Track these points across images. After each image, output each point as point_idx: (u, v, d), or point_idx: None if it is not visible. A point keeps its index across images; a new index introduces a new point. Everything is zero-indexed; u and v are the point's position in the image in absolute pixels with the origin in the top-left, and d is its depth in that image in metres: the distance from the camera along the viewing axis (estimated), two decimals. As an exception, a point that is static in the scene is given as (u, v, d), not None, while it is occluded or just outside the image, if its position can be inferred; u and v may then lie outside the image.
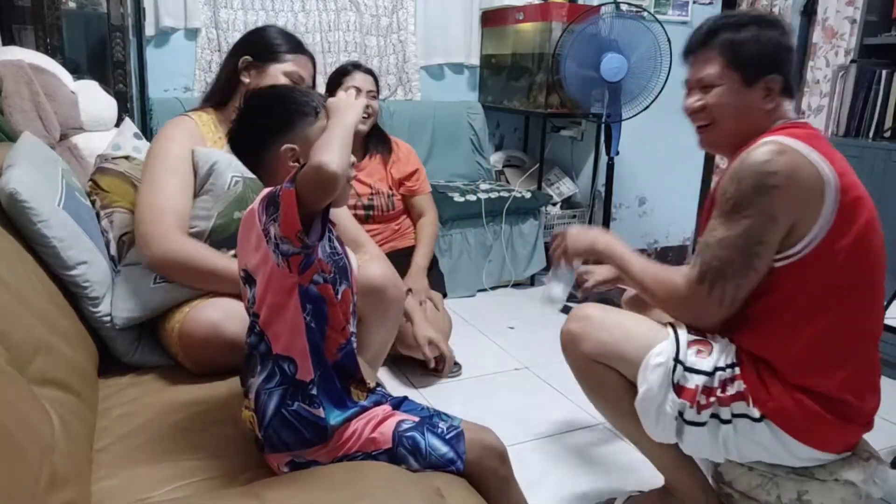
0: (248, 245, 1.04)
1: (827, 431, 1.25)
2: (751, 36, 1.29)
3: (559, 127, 3.65)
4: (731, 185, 1.23)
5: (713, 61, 1.32)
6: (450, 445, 1.08)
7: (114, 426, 1.19)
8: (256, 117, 1.09)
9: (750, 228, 1.20)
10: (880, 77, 3.04)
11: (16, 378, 0.90)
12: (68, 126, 2.14)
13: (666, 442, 1.36)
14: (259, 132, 1.08)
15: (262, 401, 1.04)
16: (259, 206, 1.02)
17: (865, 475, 1.26)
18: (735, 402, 1.27)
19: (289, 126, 1.07)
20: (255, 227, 1.02)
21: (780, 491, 1.30)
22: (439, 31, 3.57)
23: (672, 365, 1.30)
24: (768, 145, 1.21)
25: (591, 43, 2.85)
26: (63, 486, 0.87)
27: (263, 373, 1.04)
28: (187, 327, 1.36)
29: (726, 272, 1.24)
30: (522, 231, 3.25)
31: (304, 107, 1.09)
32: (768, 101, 1.31)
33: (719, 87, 1.32)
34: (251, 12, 3.16)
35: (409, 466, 1.06)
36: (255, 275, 1.04)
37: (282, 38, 1.62)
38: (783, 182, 1.18)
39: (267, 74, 1.58)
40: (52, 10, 2.42)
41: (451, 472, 1.07)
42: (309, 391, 1.04)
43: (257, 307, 1.05)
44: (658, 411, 1.31)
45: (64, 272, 1.33)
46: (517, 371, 2.41)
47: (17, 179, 1.26)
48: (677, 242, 3.78)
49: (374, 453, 1.06)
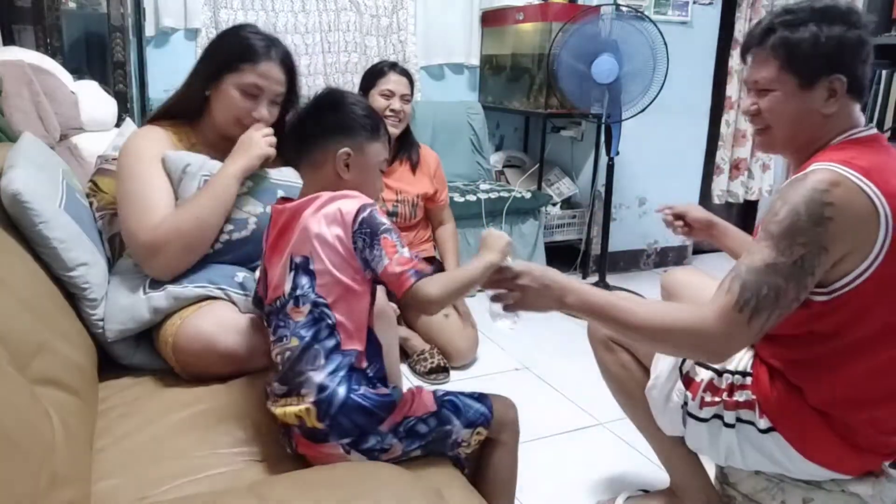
0: (319, 234, 1.10)
1: (842, 454, 1.21)
2: (808, 35, 1.17)
3: (559, 127, 3.65)
4: (784, 208, 1.13)
5: (767, 63, 1.22)
6: (481, 402, 1.21)
7: (114, 426, 1.19)
8: (328, 112, 1.19)
9: (804, 258, 1.10)
10: (880, 77, 3.04)
11: (16, 378, 0.90)
12: (68, 126, 2.14)
13: (673, 433, 1.36)
14: (326, 127, 1.18)
15: (327, 392, 1.07)
16: (350, 217, 1.10)
17: (874, 491, 1.24)
18: (741, 409, 1.25)
19: (354, 132, 1.18)
20: (338, 229, 1.10)
21: (786, 497, 1.29)
22: (439, 32, 3.57)
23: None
24: (824, 173, 1.12)
25: (588, 43, 2.85)
26: (63, 486, 0.87)
27: (329, 366, 1.09)
28: (181, 341, 1.33)
29: (777, 301, 1.10)
30: (522, 231, 3.24)
31: (373, 122, 1.21)
32: (831, 104, 1.19)
33: (774, 92, 1.22)
34: (251, 12, 3.16)
35: (453, 425, 1.16)
36: (315, 262, 1.11)
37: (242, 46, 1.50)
38: (838, 215, 1.09)
39: (220, 89, 1.49)
40: (52, 10, 2.42)
41: (482, 426, 1.19)
42: (368, 375, 1.12)
43: (322, 292, 1.10)
44: (666, 399, 1.32)
45: (64, 273, 1.32)
46: (517, 371, 2.41)
47: (20, 180, 1.26)
48: (677, 242, 3.78)
49: (425, 417, 1.14)
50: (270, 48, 1.51)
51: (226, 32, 1.58)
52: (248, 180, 1.48)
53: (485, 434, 1.19)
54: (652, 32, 2.82)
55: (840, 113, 1.21)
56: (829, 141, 1.22)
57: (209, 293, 1.40)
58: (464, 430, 1.17)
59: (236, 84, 1.48)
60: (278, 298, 1.14)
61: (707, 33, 3.52)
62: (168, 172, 1.46)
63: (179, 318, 1.37)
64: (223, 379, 1.35)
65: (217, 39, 1.57)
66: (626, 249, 3.65)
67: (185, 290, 1.39)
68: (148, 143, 1.48)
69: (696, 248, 3.92)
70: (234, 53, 1.49)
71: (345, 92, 1.24)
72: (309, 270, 1.11)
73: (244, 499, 0.91)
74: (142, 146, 1.48)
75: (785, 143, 1.27)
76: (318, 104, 1.22)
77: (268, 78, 1.50)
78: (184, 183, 1.45)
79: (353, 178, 1.18)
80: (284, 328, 1.13)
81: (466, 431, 1.17)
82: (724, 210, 4.07)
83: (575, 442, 1.94)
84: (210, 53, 1.55)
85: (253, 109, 1.50)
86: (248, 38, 1.51)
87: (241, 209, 1.47)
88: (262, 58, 1.49)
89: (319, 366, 1.09)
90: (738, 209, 4.12)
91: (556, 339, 2.69)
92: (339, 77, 3.37)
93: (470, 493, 1.07)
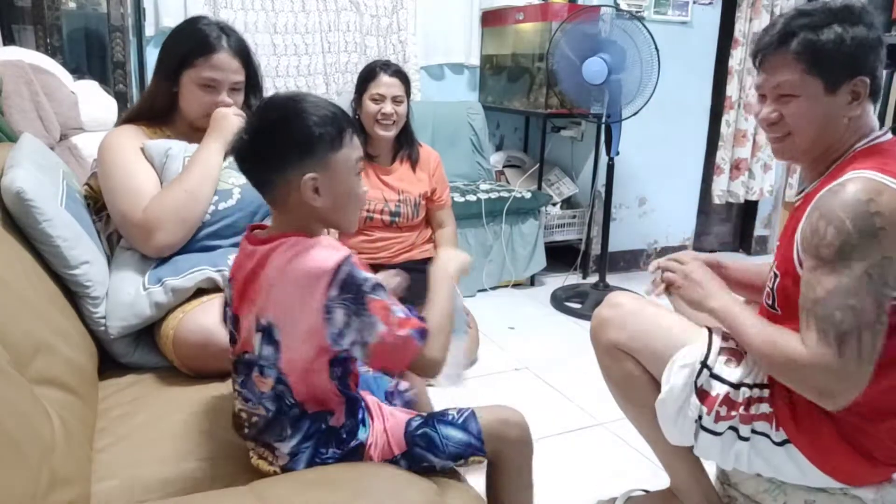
0: (282, 301, 0.95)
1: (856, 467, 1.19)
2: (834, 36, 1.12)
3: (559, 127, 3.65)
4: (828, 228, 1.08)
5: (790, 67, 1.16)
6: (463, 429, 1.06)
7: (114, 426, 1.19)
8: (273, 135, 0.96)
9: (870, 270, 1.06)
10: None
11: (16, 378, 0.90)
12: (68, 126, 2.14)
13: (681, 444, 1.32)
14: (276, 153, 0.96)
15: (295, 459, 1.01)
16: (324, 280, 0.91)
17: (876, 496, 1.23)
18: (757, 422, 1.23)
19: (314, 148, 0.96)
20: (305, 295, 0.92)
21: (788, 498, 1.28)
22: (439, 32, 3.57)
23: (698, 368, 1.25)
24: (861, 182, 1.08)
25: (585, 42, 2.85)
26: (63, 487, 0.87)
27: (297, 435, 1.00)
28: (181, 335, 1.35)
29: (858, 321, 1.06)
30: (522, 231, 3.25)
31: (334, 126, 0.97)
32: (854, 107, 1.16)
33: (797, 98, 1.17)
34: (251, 12, 3.16)
35: (432, 464, 1.04)
36: (280, 332, 0.96)
37: (194, 40, 1.50)
38: (888, 223, 1.05)
39: (181, 86, 1.52)
40: (52, 10, 2.42)
41: (474, 455, 1.06)
42: (340, 434, 1.02)
43: (285, 369, 0.97)
44: (678, 413, 1.27)
45: (67, 272, 1.32)
46: (517, 371, 2.41)
47: (23, 179, 1.26)
48: (677, 242, 3.78)
49: (395, 459, 1.05)
50: (221, 38, 1.52)
51: (178, 28, 1.58)
52: (227, 154, 1.50)
53: (483, 460, 1.08)
54: (642, 34, 2.80)
55: (863, 115, 1.18)
56: (850, 147, 1.19)
57: (206, 275, 1.41)
58: (450, 462, 1.06)
59: (194, 80, 1.51)
60: (246, 353, 1.02)
61: (707, 33, 3.52)
62: (150, 159, 1.49)
63: (182, 311, 1.39)
64: (223, 377, 1.35)
65: (171, 36, 1.58)
66: (626, 249, 3.65)
67: (183, 281, 1.40)
68: (124, 139, 1.51)
69: (695, 249, 3.92)
70: (187, 49, 1.51)
71: (290, 97, 1.00)
72: (273, 340, 0.97)
73: (244, 499, 0.91)
74: (119, 141, 1.51)
75: (806, 149, 1.22)
76: (262, 122, 0.98)
77: (222, 69, 1.52)
78: (167, 165, 1.48)
79: (327, 203, 0.98)
80: (250, 393, 1.02)
81: (455, 463, 1.07)
82: (724, 210, 4.07)
83: (575, 442, 1.94)
84: (166, 51, 1.56)
85: (215, 100, 1.53)
86: (198, 32, 1.52)
87: (225, 182, 1.51)
88: (213, 49, 1.50)
89: (286, 436, 1.00)
90: (738, 209, 4.12)
91: (556, 339, 2.70)
92: (339, 77, 3.37)
93: (470, 494, 1.07)
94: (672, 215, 3.72)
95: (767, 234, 4.12)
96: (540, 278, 3.41)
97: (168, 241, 1.43)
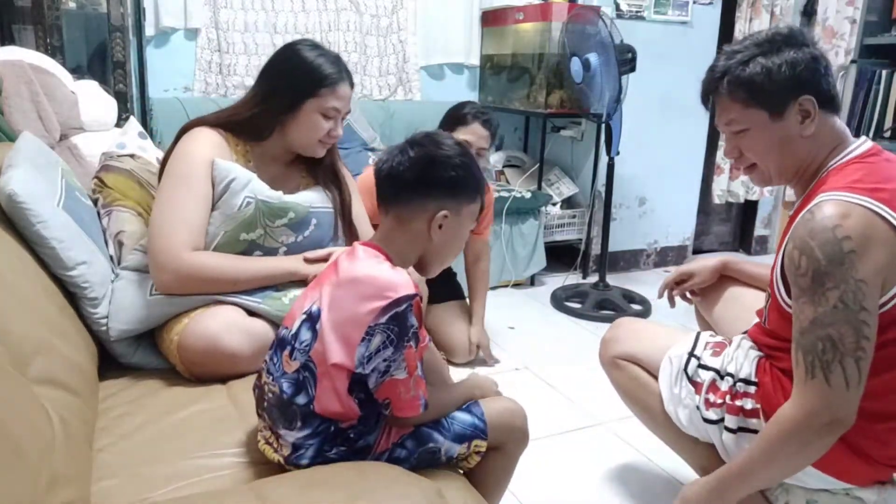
0: (339, 297, 1.01)
1: (852, 466, 1.19)
2: (760, 69, 1.17)
3: (559, 127, 3.65)
4: (801, 258, 1.10)
5: (730, 105, 1.22)
6: (467, 411, 1.13)
7: (114, 426, 1.19)
8: (434, 167, 1.06)
9: (843, 297, 1.06)
10: (880, 77, 3.04)
11: (16, 378, 0.90)
12: (68, 126, 2.14)
13: (697, 435, 1.35)
14: (430, 184, 1.06)
15: (299, 452, 1.03)
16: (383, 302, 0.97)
17: (879, 497, 1.23)
18: (747, 418, 1.24)
19: (458, 193, 1.08)
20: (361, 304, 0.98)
21: (790, 497, 1.28)
22: (439, 31, 3.57)
23: (686, 358, 1.34)
24: (829, 206, 1.09)
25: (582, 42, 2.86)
26: (63, 486, 0.87)
27: (306, 429, 1.02)
28: (186, 340, 1.34)
29: (837, 349, 1.07)
30: (522, 231, 3.24)
31: (477, 183, 1.10)
32: (808, 126, 1.18)
33: (748, 131, 1.21)
34: (251, 12, 3.16)
35: (437, 444, 1.08)
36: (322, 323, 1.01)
37: (316, 71, 1.49)
38: (859, 246, 1.06)
39: (298, 115, 1.50)
40: (52, 10, 2.42)
41: (478, 438, 1.11)
42: (348, 434, 1.04)
43: (315, 358, 1.01)
44: (680, 403, 1.34)
45: (63, 273, 1.32)
46: (517, 371, 2.41)
47: (16, 180, 1.26)
48: (677, 242, 3.78)
49: (401, 441, 1.07)
50: (340, 69, 1.52)
51: (288, 56, 1.53)
52: (291, 211, 1.49)
53: (484, 446, 1.12)
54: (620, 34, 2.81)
55: (822, 130, 1.19)
56: (824, 161, 1.21)
57: (217, 297, 1.41)
58: (455, 445, 1.10)
59: (318, 109, 1.50)
60: (287, 328, 1.08)
61: (707, 33, 3.52)
62: (213, 179, 1.45)
63: (187, 317, 1.39)
64: (223, 379, 1.35)
65: (283, 64, 1.53)
66: (626, 249, 3.65)
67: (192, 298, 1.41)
68: (203, 148, 1.47)
69: (695, 249, 3.93)
70: (311, 80, 1.48)
71: (447, 143, 1.09)
72: (314, 326, 1.02)
73: (244, 499, 0.91)
74: (200, 151, 1.46)
75: (778, 174, 1.25)
76: (421, 156, 1.07)
77: (344, 99, 1.53)
78: (225, 198, 1.44)
79: (440, 242, 1.08)
80: (274, 368, 1.06)
81: (459, 446, 1.10)
82: (724, 210, 4.07)
83: (575, 442, 1.94)
84: (282, 81, 1.51)
85: (333, 129, 1.53)
86: (316, 60, 1.49)
87: (276, 239, 1.50)
88: (336, 80, 1.50)
89: (296, 427, 1.02)
90: (738, 209, 4.12)
91: (556, 339, 2.70)
92: (339, 77, 3.37)
93: (470, 494, 1.07)
94: (672, 215, 3.72)
95: (767, 233, 4.12)
96: (540, 278, 3.41)
97: (177, 292, 1.41)
